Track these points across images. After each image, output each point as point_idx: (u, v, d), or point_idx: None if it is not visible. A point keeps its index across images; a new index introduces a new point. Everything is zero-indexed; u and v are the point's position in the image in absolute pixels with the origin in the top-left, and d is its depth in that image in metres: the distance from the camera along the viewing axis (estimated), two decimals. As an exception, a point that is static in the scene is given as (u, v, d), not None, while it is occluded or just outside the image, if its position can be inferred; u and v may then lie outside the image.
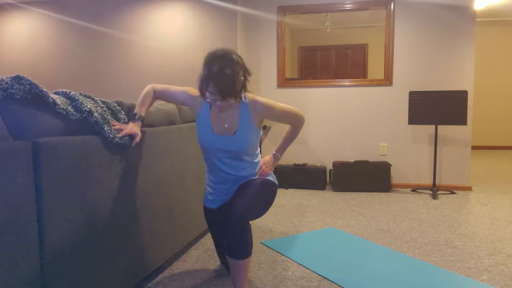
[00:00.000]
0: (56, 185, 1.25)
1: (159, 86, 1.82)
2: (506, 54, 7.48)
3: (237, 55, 1.62)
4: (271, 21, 4.32)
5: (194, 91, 1.83)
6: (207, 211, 1.96)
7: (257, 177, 1.83)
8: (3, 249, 1.07)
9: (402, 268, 2.09)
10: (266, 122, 4.46)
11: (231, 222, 1.55)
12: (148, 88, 1.80)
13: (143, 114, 1.72)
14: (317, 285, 1.91)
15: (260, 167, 1.86)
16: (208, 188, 1.93)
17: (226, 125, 1.72)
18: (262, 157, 1.96)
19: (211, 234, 2.02)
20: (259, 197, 1.70)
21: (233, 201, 1.63)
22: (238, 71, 1.58)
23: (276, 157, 1.96)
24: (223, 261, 2.05)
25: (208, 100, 1.63)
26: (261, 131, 1.82)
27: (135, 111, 1.71)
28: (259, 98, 1.75)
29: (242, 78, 1.62)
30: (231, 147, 1.73)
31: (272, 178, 1.88)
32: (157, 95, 1.82)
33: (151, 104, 1.81)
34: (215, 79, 1.53)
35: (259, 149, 1.90)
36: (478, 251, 2.34)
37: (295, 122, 1.89)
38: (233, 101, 1.60)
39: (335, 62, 7.38)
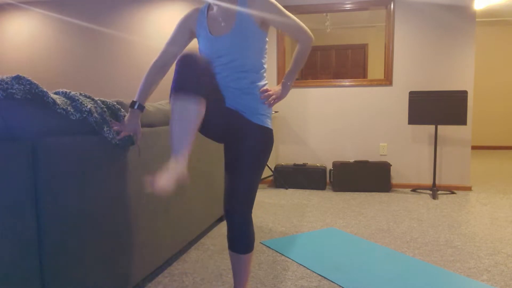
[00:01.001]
0: (56, 185, 1.25)
1: (155, 59, 1.66)
2: (506, 54, 7.48)
3: None
4: (271, 21, 4.31)
5: (182, 17, 1.67)
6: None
7: (262, 100, 1.59)
8: (3, 249, 1.07)
9: (402, 268, 2.09)
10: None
11: (235, 217, 1.53)
12: (148, 70, 1.65)
13: (143, 101, 1.60)
14: (317, 285, 1.91)
15: (267, 90, 1.61)
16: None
17: (223, 24, 1.56)
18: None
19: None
20: (258, 172, 1.57)
21: (231, 190, 1.55)
22: None
23: (285, 86, 1.70)
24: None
25: None
26: (265, 38, 1.59)
27: (135, 99, 1.61)
28: None
29: None
30: (229, 48, 1.53)
31: (268, 122, 1.63)
32: (161, 61, 1.65)
33: (155, 82, 1.65)
34: None
35: (265, 75, 1.64)
36: (478, 251, 2.34)
37: (302, 36, 1.62)
38: None
39: (335, 62, 7.38)
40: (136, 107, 1.59)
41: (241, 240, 1.56)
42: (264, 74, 1.63)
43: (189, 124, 1.28)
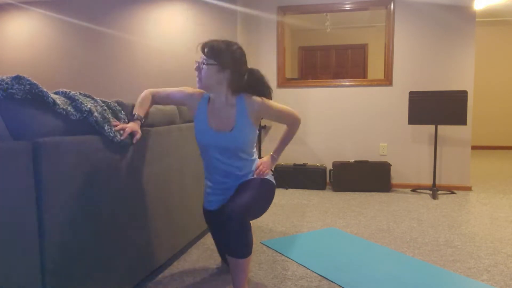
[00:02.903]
0: (56, 185, 1.25)
1: (155, 91, 1.85)
2: (506, 54, 7.48)
3: (241, 51, 1.75)
4: (271, 21, 4.32)
5: (190, 89, 1.86)
6: (207, 213, 1.97)
7: (255, 176, 1.84)
8: (3, 249, 1.07)
9: (402, 268, 2.09)
10: (266, 122, 4.46)
11: (231, 221, 1.55)
12: (145, 92, 1.81)
13: (142, 114, 1.73)
14: (317, 285, 1.91)
15: (257, 167, 1.88)
16: (206, 189, 1.94)
17: (222, 118, 1.76)
18: (260, 158, 1.98)
19: (212, 234, 2.03)
20: (258, 196, 1.70)
21: (232, 200, 1.64)
22: (231, 50, 1.70)
23: (273, 158, 1.99)
24: (224, 259, 2.06)
25: (195, 67, 1.73)
26: (257, 130, 1.84)
27: (134, 112, 1.72)
28: (256, 97, 1.77)
29: (234, 60, 1.71)
30: (229, 143, 1.74)
31: (270, 178, 1.89)
32: (155, 100, 1.84)
33: (149, 107, 1.82)
34: (206, 41, 1.71)
35: (255, 148, 1.92)
36: (478, 251, 2.34)
37: (291, 122, 1.91)
38: (213, 63, 1.67)
39: (335, 62, 7.38)
40: (135, 118, 1.71)
41: (239, 245, 1.58)
42: (253, 150, 1.89)
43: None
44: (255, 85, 1.76)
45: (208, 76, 1.69)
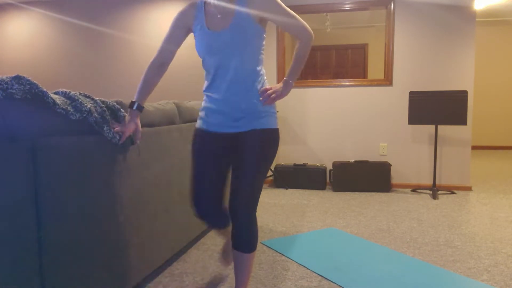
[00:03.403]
0: (56, 185, 1.25)
1: (153, 59, 1.64)
2: (506, 54, 7.48)
3: None
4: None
5: (179, 14, 1.66)
6: (200, 135, 1.66)
7: (262, 103, 1.59)
8: (3, 249, 1.07)
9: (402, 268, 2.09)
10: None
11: (239, 218, 1.53)
12: (146, 69, 1.64)
13: (142, 101, 1.62)
14: (317, 285, 1.91)
15: (266, 89, 1.59)
16: (206, 104, 1.65)
17: (220, 18, 1.54)
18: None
19: (194, 173, 1.67)
20: (261, 177, 1.59)
21: (236, 190, 1.55)
22: None
23: (287, 83, 1.65)
24: (201, 218, 1.75)
25: None
26: (263, 33, 1.59)
27: (134, 99, 1.62)
28: None
29: None
30: (228, 41, 1.52)
31: (273, 122, 1.63)
32: (159, 60, 1.64)
33: (154, 81, 1.65)
34: None
35: (262, 64, 1.64)
36: (478, 251, 2.34)
37: (302, 34, 1.60)
38: None
39: (335, 62, 7.38)
40: (135, 107, 1.61)
41: (244, 238, 1.57)
42: (262, 70, 1.63)
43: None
44: None
45: None
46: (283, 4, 1.56)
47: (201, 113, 1.67)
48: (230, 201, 1.58)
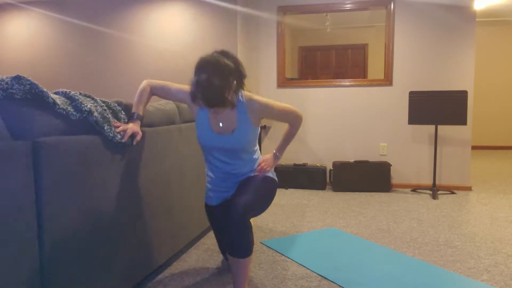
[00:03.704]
0: (56, 185, 1.25)
1: (156, 83, 1.80)
2: (506, 54, 7.48)
3: (232, 58, 1.57)
4: (271, 21, 4.32)
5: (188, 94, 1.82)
6: (208, 209, 1.97)
7: (256, 173, 1.84)
8: (3, 249, 1.07)
9: (402, 268, 2.09)
10: (266, 122, 4.46)
11: (233, 221, 1.55)
12: (144, 84, 1.77)
13: (141, 112, 1.72)
14: (317, 285, 1.91)
15: (259, 164, 1.87)
16: (208, 185, 1.94)
17: (221, 124, 1.73)
18: (262, 156, 1.97)
19: (213, 231, 2.02)
20: (260, 193, 1.70)
21: (234, 198, 1.63)
22: (228, 79, 1.52)
23: (276, 156, 1.96)
24: (225, 256, 2.06)
25: (202, 106, 1.61)
26: (259, 129, 1.83)
27: (133, 110, 1.71)
28: (256, 97, 1.74)
29: (235, 82, 1.57)
30: (230, 145, 1.73)
31: (272, 175, 1.89)
32: (154, 92, 1.80)
33: (148, 101, 1.79)
34: (202, 89, 1.49)
35: (257, 146, 1.91)
36: (478, 251, 2.34)
37: (293, 121, 1.88)
38: (222, 109, 1.59)
39: (335, 62, 7.38)
40: (135, 117, 1.69)
41: (239, 246, 1.59)
42: (255, 149, 1.88)
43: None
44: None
45: (224, 109, 1.63)
46: (275, 103, 1.78)
47: (205, 194, 2.00)
48: (226, 207, 1.63)
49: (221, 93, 1.50)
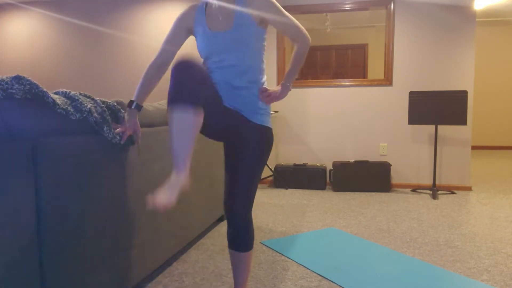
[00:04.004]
0: (56, 185, 1.25)
1: (153, 59, 1.66)
2: (506, 54, 7.48)
3: None
4: (271, 21, 4.31)
5: (180, 15, 1.65)
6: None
7: (261, 100, 1.59)
8: (3, 249, 1.07)
9: (402, 268, 2.09)
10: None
11: (234, 219, 1.55)
12: (146, 69, 1.65)
13: (141, 101, 1.63)
14: (317, 285, 1.91)
15: (265, 89, 1.60)
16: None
17: (221, 20, 1.56)
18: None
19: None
20: (256, 177, 1.60)
21: (231, 194, 1.57)
22: None
23: (285, 86, 1.64)
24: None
25: None
26: (264, 34, 1.60)
27: (133, 98, 1.62)
28: None
29: None
30: (229, 43, 1.54)
31: (267, 118, 1.64)
32: (157, 64, 1.65)
33: (152, 83, 1.66)
34: None
35: (264, 61, 1.66)
36: (478, 251, 2.34)
37: (300, 36, 1.62)
38: None
39: (335, 62, 7.38)
40: (133, 106, 1.61)
41: (241, 238, 1.57)
42: (263, 71, 1.63)
43: (188, 136, 1.28)
44: None
45: None
46: (281, 7, 1.58)
47: None
48: (225, 203, 1.59)
49: None
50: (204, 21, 1.59)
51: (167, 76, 3.79)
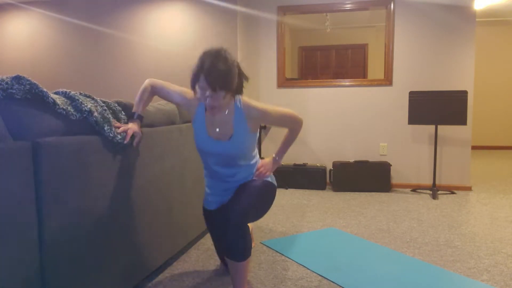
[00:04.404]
0: (56, 185, 1.25)
1: (158, 83, 1.79)
2: (506, 54, 7.48)
3: (233, 57, 1.59)
4: (271, 21, 4.32)
5: (190, 94, 1.79)
6: (206, 213, 1.96)
7: (255, 178, 1.82)
8: (3, 249, 1.07)
9: (402, 268, 2.09)
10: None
11: (231, 225, 1.55)
12: (146, 83, 1.77)
13: (141, 112, 1.72)
14: (317, 285, 1.91)
15: (258, 169, 1.84)
16: (206, 189, 1.93)
17: (217, 130, 1.70)
18: (261, 159, 1.95)
19: (211, 235, 2.02)
20: (258, 198, 1.69)
21: (231, 203, 1.63)
22: (232, 68, 1.54)
23: (275, 161, 1.93)
24: (223, 260, 2.05)
25: (198, 96, 1.57)
26: (258, 134, 1.80)
27: (133, 110, 1.71)
28: (254, 104, 1.71)
29: (236, 75, 1.58)
30: (227, 152, 1.71)
31: (271, 179, 1.87)
32: (154, 92, 1.79)
33: (149, 101, 1.78)
34: (206, 71, 1.48)
35: (256, 150, 1.88)
36: (478, 251, 2.34)
37: (292, 126, 1.84)
38: (223, 94, 1.53)
39: (335, 62, 7.38)
40: (135, 117, 1.69)
41: (237, 250, 1.59)
42: (254, 154, 1.84)
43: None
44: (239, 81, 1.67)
45: (221, 103, 1.59)
46: (274, 108, 1.73)
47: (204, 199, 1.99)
48: (224, 212, 1.63)
49: (226, 74, 1.50)
50: (203, 124, 1.73)
51: (167, 76, 3.77)
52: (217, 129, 1.70)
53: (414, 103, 3.78)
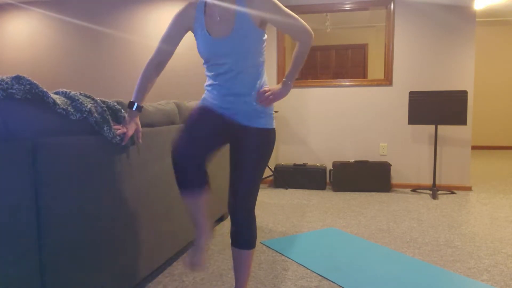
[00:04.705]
0: (55, 185, 1.25)
1: (151, 58, 1.64)
2: (506, 54, 7.48)
3: None
4: (271, 21, 4.31)
5: (179, 14, 1.61)
6: (202, 111, 1.60)
7: (258, 104, 1.58)
8: (3, 249, 1.07)
9: (402, 268, 2.09)
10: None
11: (238, 216, 1.55)
12: (144, 67, 1.65)
13: (140, 101, 1.62)
14: (317, 285, 1.91)
15: (266, 91, 1.58)
16: (204, 100, 1.65)
17: (221, 25, 1.52)
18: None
19: (185, 138, 1.52)
20: (259, 173, 1.60)
21: (235, 190, 1.57)
22: None
23: (286, 84, 1.63)
24: (187, 191, 1.55)
25: None
26: (264, 36, 1.57)
27: (132, 99, 1.62)
28: None
29: None
30: (229, 49, 1.52)
31: (269, 118, 1.63)
32: (154, 63, 1.64)
33: (151, 82, 1.65)
34: None
35: (263, 58, 1.62)
36: (478, 251, 2.34)
37: (302, 36, 1.59)
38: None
39: (335, 62, 7.38)
40: (134, 108, 1.61)
41: (243, 235, 1.58)
42: (263, 73, 1.62)
43: (201, 209, 1.53)
44: None
45: None
46: (282, 6, 1.55)
47: (201, 100, 1.65)
48: (229, 201, 1.60)
49: None
50: (203, 23, 1.56)
51: (167, 75, 3.77)
52: (221, 25, 1.52)
53: (414, 103, 3.78)
